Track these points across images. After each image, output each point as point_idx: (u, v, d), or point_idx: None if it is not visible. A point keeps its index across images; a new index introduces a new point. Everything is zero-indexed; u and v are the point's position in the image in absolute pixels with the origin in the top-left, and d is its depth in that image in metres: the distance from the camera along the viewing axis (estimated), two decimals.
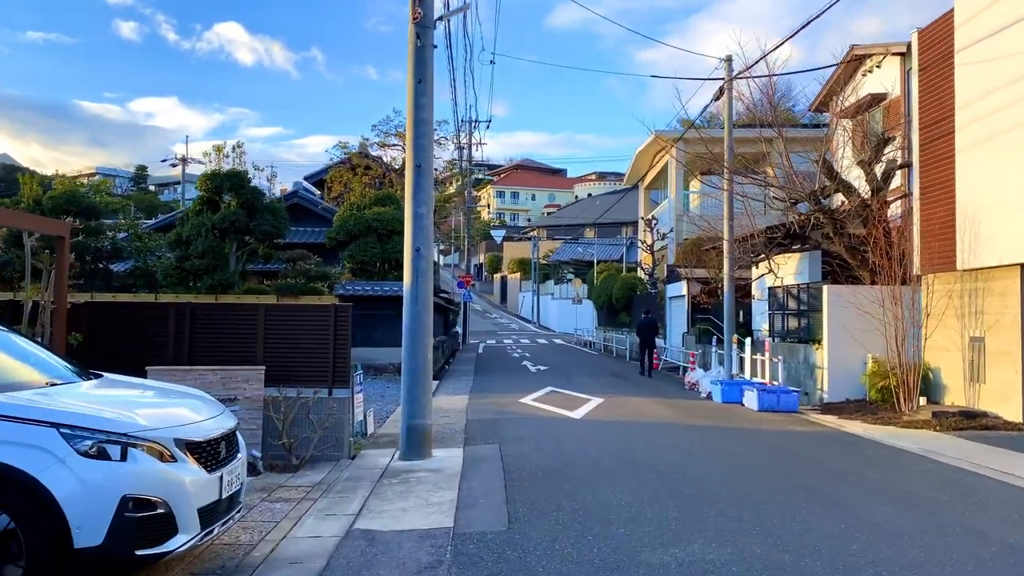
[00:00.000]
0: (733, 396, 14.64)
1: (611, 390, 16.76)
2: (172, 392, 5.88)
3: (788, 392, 13.67)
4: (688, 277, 24.90)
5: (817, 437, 10.62)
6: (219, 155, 20.56)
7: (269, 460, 8.82)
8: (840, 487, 7.35)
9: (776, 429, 11.31)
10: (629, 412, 13.02)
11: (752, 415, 12.98)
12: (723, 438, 10.43)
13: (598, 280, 41.49)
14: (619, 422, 11.78)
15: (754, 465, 8.41)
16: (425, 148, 9.17)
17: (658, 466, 8.28)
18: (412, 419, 9.02)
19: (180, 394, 5.82)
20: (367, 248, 20.22)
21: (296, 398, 8.95)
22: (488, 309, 70.61)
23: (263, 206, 20.51)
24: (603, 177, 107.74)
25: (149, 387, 5.86)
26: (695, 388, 17.10)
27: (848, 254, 15.78)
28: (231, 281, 20.11)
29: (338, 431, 9.12)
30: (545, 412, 13.00)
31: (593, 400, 14.56)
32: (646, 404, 14.28)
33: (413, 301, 9.08)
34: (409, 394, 9.07)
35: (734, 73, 16.91)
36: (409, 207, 9.16)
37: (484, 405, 14.11)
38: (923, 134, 14.24)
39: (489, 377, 20.54)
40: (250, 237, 20.70)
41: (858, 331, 13.98)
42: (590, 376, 20.67)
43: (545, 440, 10.12)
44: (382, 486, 7.64)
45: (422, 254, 9.09)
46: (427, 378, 9.15)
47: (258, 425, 8.72)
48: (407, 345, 9.10)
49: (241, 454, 5.54)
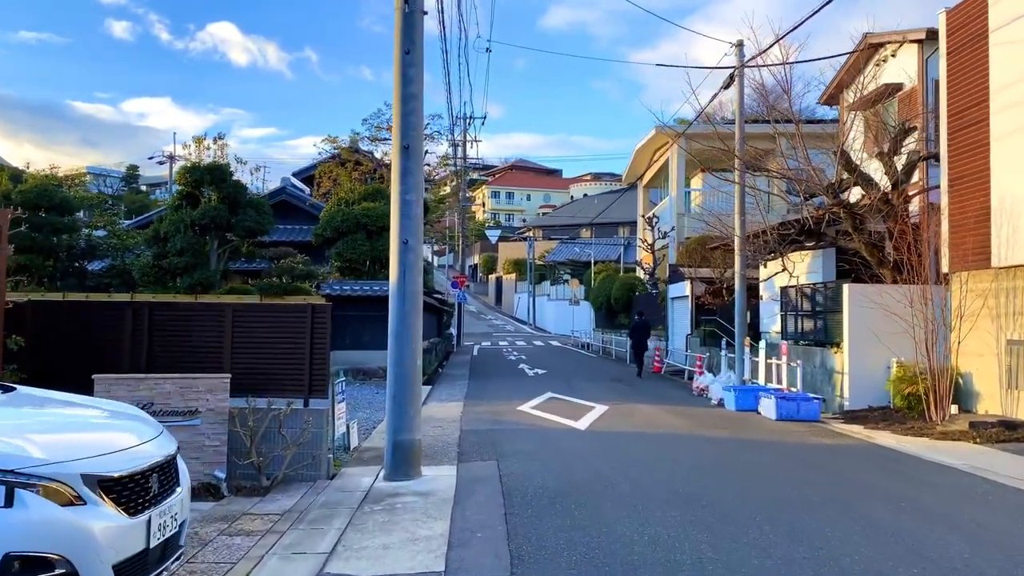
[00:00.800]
0: (748, 403, 13.62)
1: (615, 396, 15.71)
2: (97, 410, 4.81)
3: (809, 400, 12.65)
4: (692, 277, 23.88)
5: (849, 452, 9.59)
6: (199, 148, 19.45)
7: (236, 481, 7.75)
8: (897, 516, 6.31)
9: (802, 442, 10.27)
10: (638, 422, 11.98)
11: (771, 425, 11.95)
12: (747, 453, 9.39)
13: (596, 281, 40.47)
14: (629, 434, 10.74)
15: (791, 488, 7.36)
16: (414, 126, 8.11)
17: (681, 489, 7.23)
18: (398, 434, 7.95)
19: (109, 414, 4.74)
20: (356, 245, 19.15)
21: (267, 410, 7.88)
22: (483, 310, 69.53)
23: (246, 201, 19.43)
24: (599, 178, 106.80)
25: (70, 403, 4.78)
26: (704, 394, 16.08)
27: (868, 251, 14.78)
28: (212, 280, 19.02)
29: (315, 447, 8.05)
30: (546, 422, 11.95)
31: (597, 408, 13.51)
32: (655, 413, 13.24)
33: (400, 300, 8.02)
34: (395, 405, 8.01)
35: (745, 59, 15.90)
36: (396, 194, 8.10)
37: (480, 413, 13.05)
38: (952, 122, 13.24)
39: (485, 382, 19.49)
40: (232, 234, 19.62)
41: (882, 333, 12.98)
42: (591, 381, 19.62)
43: (549, 456, 9.07)
44: (362, 515, 6.57)
45: (410, 247, 8.03)
46: (415, 387, 8.09)
47: (222, 442, 7.64)
48: (393, 349, 8.04)
49: (182, 487, 4.48)
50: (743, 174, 15.71)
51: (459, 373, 22.40)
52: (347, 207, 19.96)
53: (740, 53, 15.81)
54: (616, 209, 54.70)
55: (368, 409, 13.61)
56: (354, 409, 13.64)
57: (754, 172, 15.57)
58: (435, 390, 17.53)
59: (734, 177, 15.93)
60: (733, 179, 16.66)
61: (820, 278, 16.92)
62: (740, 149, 15.39)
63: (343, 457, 9.34)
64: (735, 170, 15.67)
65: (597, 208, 58.92)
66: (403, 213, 8.04)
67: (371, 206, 19.94)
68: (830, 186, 14.93)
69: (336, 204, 20.35)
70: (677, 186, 30.70)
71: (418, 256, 8.14)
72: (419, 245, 8.15)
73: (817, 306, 15.52)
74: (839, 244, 15.90)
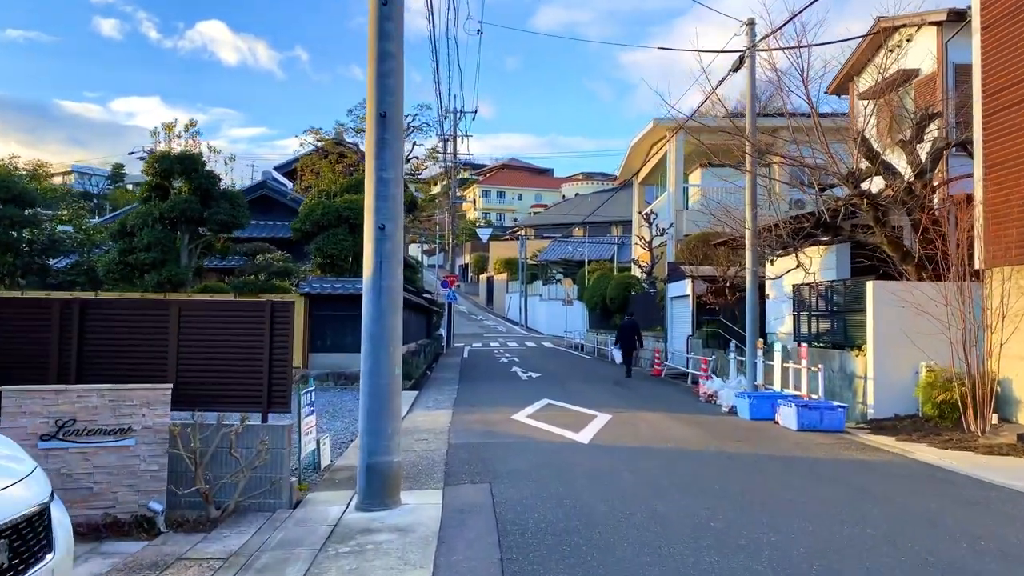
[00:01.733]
0: (764, 412, 12.44)
1: (616, 403, 14.51)
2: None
3: (832, 408, 11.47)
4: (693, 275, 22.70)
5: (892, 471, 8.40)
6: (170, 135, 18.14)
7: (179, 512, 6.50)
8: (980, 560, 5.12)
9: (834, 458, 9.09)
10: (646, 434, 10.77)
11: (793, 437, 10.77)
12: (777, 473, 8.19)
13: (590, 280, 39.29)
14: (637, 449, 9.52)
15: (843, 521, 6.17)
16: (392, 90, 6.87)
17: (712, 523, 6.02)
18: (374, 456, 6.71)
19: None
20: (337, 240, 17.89)
21: (216, 427, 6.63)
22: (473, 311, 68.28)
23: (219, 193, 18.13)
24: (590, 177, 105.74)
25: None
26: (713, 400, 14.89)
27: (890, 246, 13.64)
28: (183, 278, 17.72)
29: (274, 470, 6.81)
30: (544, 434, 10.72)
31: (599, 416, 12.30)
32: (663, 422, 12.04)
33: (376, 296, 6.78)
34: (370, 422, 6.77)
35: (757, 40, 14.73)
36: (371, 171, 6.86)
37: (470, 423, 11.82)
38: (988, 103, 12.10)
39: (475, 386, 18.26)
40: (205, 228, 18.32)
41: (911, 335, 11.85)
42: (588, 385, 18.42)
43: (550, 477, 7.84)
44: (325, 559, 5.33)
45: (388, 233, 6.79)
46: (394, 399, 6.85)
47: (161, 466, 6.38)
48: (368, 355, 6.80)
49: (55, 554, 3.23)
50: (755, 162, 14.52)
51: (448, 376, 21.16)
52: (328, 200, 18.67)
53: (751, 33, 14.64)
54: (609, 208, 53.65)
55: (347, 418, 12.36)
56: (332, 418, 12.41)
57: (766, 161, 14.38)
58: (422, 395, 16.29)
59: (745, 165, 14.73)
60: (741, 170, 15.48)
61: (834, 275, 15.79)
62: (752, 134, 14.20)
63: (312, 478, 8.10)
64: (747, 155, 14.47)
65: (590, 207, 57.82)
66: (379, 193, 6.80)
67: (354, 198, 18.65)
68: (850, 175, 13.77)
69: (316, 197, 19.06)
70: (676, 181, 29.54)
71: (397, 245, 6.90)
72: (399, 232, 6.92)
73: (835, 305, 14.38)
74: (857, 239, 14.75)
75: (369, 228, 6.83)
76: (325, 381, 17.04)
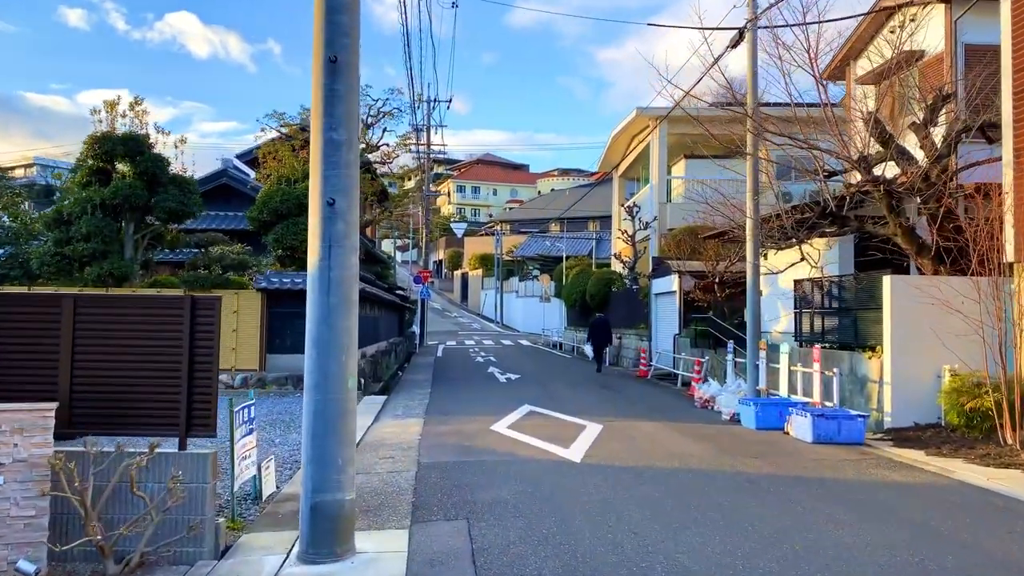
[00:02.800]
0: (771, 421, 11.19)
1: (605, 409, 13.19)
2: None
3: (851, 418, 10.23)
4: (680, 270, 21.47)
5: (942, 497, 7.15)
6: (112, 113, 16.44)
7: (70, 567, 5.06)
8: None
9: (869, 480, 7.82)
10: (645, 448, 9.43)
11: (811, 451, 9.50)
12: (813, 503, 6.89)
13: (569, 276, 37.98)
14: (639, 470, 8.17)
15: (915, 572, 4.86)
16: (346, 30, 5.44)
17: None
18: (320, 493, 5.28)
19: None
20: (298, 230, 16.34)
21: (116, 457, 5.16)
22: (448, 308, 66.78)
23: (168, 178, 16.48)
24: (567, 173, 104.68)
25: None
26: (710, 406, 13.63)
27: (905, 238, 12.46)
28: (127, 271, 16.08)
29: (194, 510, 5.34)
30: (529, 449, 9.34)
31: (589, 427, 10.95)
32: (661, 433, 10.71)
33: (323, 291, 5.34)
34: (316, 450, 5.33)
35: (759, 11, 13.46)
36: (317, 130, 5.42)
37: (444, 436, 10.41)
38: (1018, 80, 10.94)
39: (450, 389, 16.83)
40: (152, 216, 16.67)
41: (936, 335, 10.69)
42: (573, 388, 17.09)
43: (540, 510, 6.46)
44: None
45: (338, 211, 5.35)
46: (347, 421, 5.42)
47: (40, 510, 4.91)
48: (313, 366, 5.36)
49: None
50: (756, 143, 13.23)
51: (421, 379, 19.71)
52: (288, 186, 17.10)
53: (753, 3, 13.37)
54: (586, 204, 52.38)
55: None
56: (287, 429, 10.90)
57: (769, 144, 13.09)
58: (392, 400, 14.84)
59: (738, 153, 13.45)
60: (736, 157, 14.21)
61: (836, 270, 14.63)
62: (754, 109, 12.89)
63: (250, 513, 6.65)
64: (748, 132, 13.14)
65: (567, 201, 56.55)
66: (328, 159, 5.36)
67: None
68: (861, 160, 12.55)
69: (275, 183, 17.49)
70: (659, 173, 28.30)
71: (351, 226, 5.46)
72: (353, 210, 5.48)
73: (843, 302, 13.19)
74: (866, 230, 13.56)
75: (315, 203, 5.39)
76: (284, 385, 15.51)
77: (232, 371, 16.02)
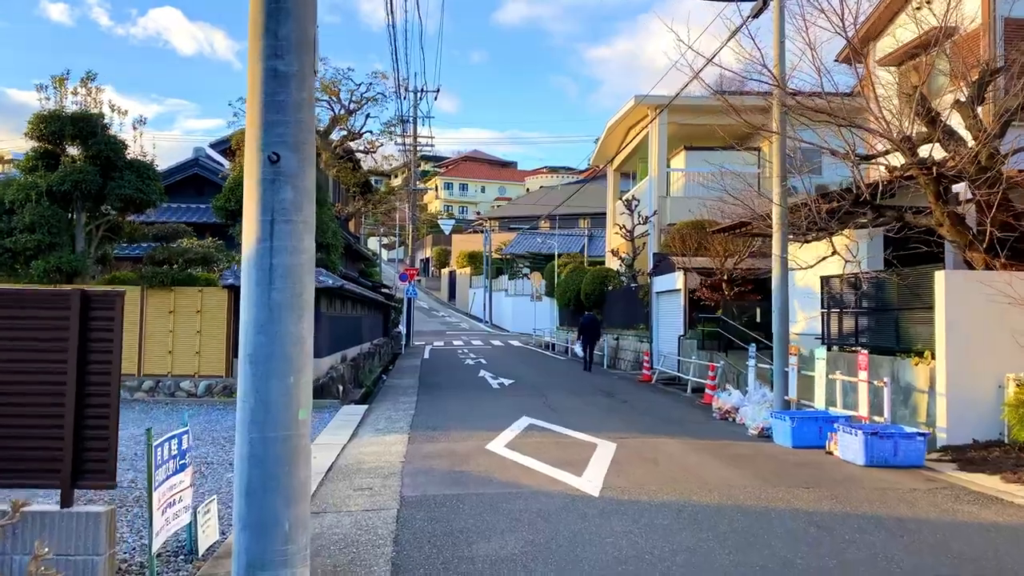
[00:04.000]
0: (810, 438, 9.71)
1: (615, 423, 11.68)
2: None
3: (909, 437, 8.75)
4: (685, 267, 20.01)
5: None
6: (61, 90, 14.75)
7: None
8: None
9: (953, 519, 6.34)
10: (674, 476, 7.91)
11: (865, 477, 8.03)
12: (899, 553, 5.39)
13: (562, 274, 36.45)
14: (674, 507, 6.65)
15: None
16: None
17: None
18: (260, 571, 3.71)
19: None
20: None
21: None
22: (435, 307, 65.17)
23: (124, 163, 14.81)
24: (555, 171, 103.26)
25: None
26: (730, 417, 12.15)
27: (953, 228, 11.01)
28: (78, 266, 14.40)
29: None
30: (535, 478, 7.80)
31: (601, 446, 9.42)
32: (687, 454, 9.20)
33: (262, 283, 3.78)
34: (253, 512, 3.75)
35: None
36: (256, 58, 3.86)
37: (432, 458, 8.85)
38: None
39: (438, 397, 15.26)
40: (107, 205, 14.99)
41: (995, 339, 9.30)
42: (573, 395, 15.56)
43: (560, 574, 4.93)
44: None
45: (284, 170, 3.79)
46: (297, 468, 3.84)
47: None
48: (247, 390, 3.79)
49: None
50: (784, 120, 11.71)
51: (406, 384, 18.12)
52: None
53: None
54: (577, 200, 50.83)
55: None
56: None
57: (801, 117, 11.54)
58: (374, 410, 13.26)
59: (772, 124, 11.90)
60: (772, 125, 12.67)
61: (865, 266, 13.20)
62: (782, 75, 11.35)
63: (183, 574, 5.08)
64: (775, 103, 11.57)
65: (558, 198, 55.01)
66: (270, 99, 3.80)
67: None
68: (905, 140, 11.09)
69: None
70: (659, 165, 26.84)
71: (304, 195, 3.91)
72: (307, 171, 3.92)
73: (882, 301, 11.75)
74: (906, 220, 12.11)
75: (252, 161, 3.83)
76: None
77: (195, 377, 14.41)
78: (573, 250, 49.57)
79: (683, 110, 25.60)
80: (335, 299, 16.23)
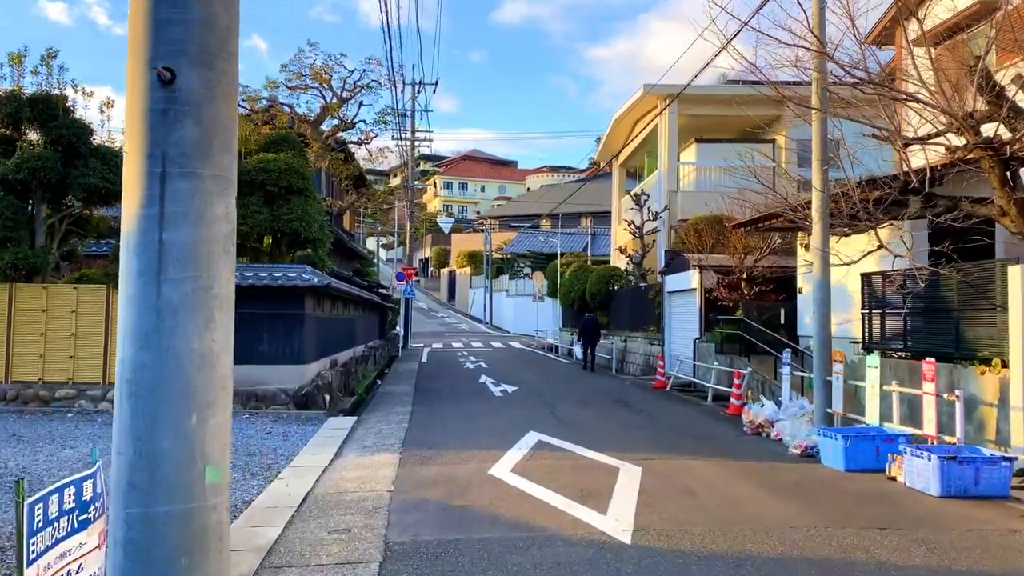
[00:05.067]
0: (865, 460, 8.36)
1: (636, 439, 10.32)
2: None
3: (992, 462, 7.38)
4: (702, 265, 18.66)
5: None
6: (19, 69, 13.40)
7: None
8: None
9: None
10: (717, 512, 6.54)
11: (948, 512, 6.67)
12: None
13: (566, 273, 35.08)
14: (726, 561, 5.29)
15: None
16: None
17: None
18: None
19: None
20: (248, 213, 13.37)
21: None
22: (434, 307, 63.80)
23: (89, 149, 13.45)
24: (556, 171, 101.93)
25: None
26: (763, 431, 10.79)
27: (1022, 218, 9.66)
28: (37, 263, 13.06)
29: None
30: (550, 516, 6.43)
31: (624, 470, 8.06)
32: (727, 481, 7.82)
33: (146, 271, 2.41)
34: None
35: None
36: None
37: (426, 487, 7.48)
38: None
39: (435, 407, 13.89)
40: (70, 196, 13.63)
41: None
42: (584, 405, 14.20)
43: None
44: None
45: (182, 92, 2.43)
46: (207, 560, 2.47)
47: None
48: (124, 434, 2.43)
49: None
50: (824, 96, 10.31)
51: (401, 391, 16.76)
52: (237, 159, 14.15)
53: None
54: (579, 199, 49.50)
55: (254, 466, 7.95)
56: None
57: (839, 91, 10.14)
58: (362, 423, 11.89)
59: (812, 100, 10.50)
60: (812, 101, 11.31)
61: (906, 263, 11.84)
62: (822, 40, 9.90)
63: None
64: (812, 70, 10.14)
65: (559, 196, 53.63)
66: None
67: (271, 157, 14.08)
68: (968, 116, 9.72)
69: None
70: (669, 158, 25.52)
71: (215, 133, 2.54)
72: (223, 99, 2.56)
73: (936, 301, 10.41)
74: (962, 209, 10.74)
75: (135, 79, 2.47)
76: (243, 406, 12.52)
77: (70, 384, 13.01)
78: (576, 249, 48.21)
79: (694, 100, 24.28)
80: (323, 299, 14.87)
